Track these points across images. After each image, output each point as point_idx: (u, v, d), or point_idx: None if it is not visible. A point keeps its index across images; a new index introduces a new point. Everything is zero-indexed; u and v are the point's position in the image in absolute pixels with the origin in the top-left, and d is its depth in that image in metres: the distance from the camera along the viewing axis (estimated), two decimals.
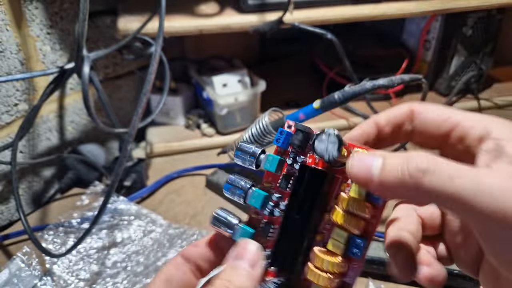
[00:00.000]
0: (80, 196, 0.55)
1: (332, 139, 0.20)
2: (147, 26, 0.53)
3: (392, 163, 0.18)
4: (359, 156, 0.19)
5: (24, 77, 0.47)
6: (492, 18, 0.73)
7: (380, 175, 0.18)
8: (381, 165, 0.18)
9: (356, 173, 0.19)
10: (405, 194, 0.18)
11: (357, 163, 0.19)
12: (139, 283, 0.43)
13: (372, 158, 0.19)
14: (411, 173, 0.17)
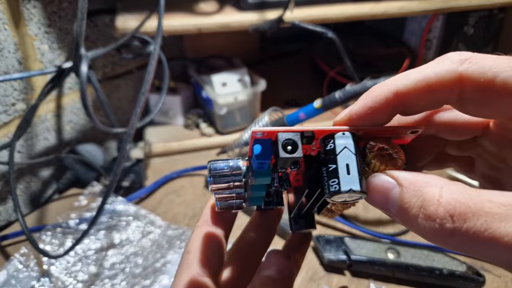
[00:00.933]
0: (78, 197, 0.54)
1: (353, 195, 0.18)
2: (146, 24, 0.53)
3: (408, 204, 0.15)
4: (378, 179, 0.17)
5: (22, 76, 0.47)
6: (494, 17, 0.72)
7: (398, 213, 0.16)
8: (397, 201, 0.16)
9: (375, 201, 0.17)
10: (432, 240, 0.15)
11: (374, 189, 0.17)
12: (137, 285, 0.43)
13: (390, 187, 0.16)
14: (430, 231, 0.14)
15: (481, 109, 0.17)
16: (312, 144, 0.19)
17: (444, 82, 0.16)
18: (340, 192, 0.17)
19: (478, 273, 0.41)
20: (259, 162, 0.18)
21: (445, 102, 0.17)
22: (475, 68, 0.16)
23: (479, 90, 0.16)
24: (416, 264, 0.41)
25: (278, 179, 0.21)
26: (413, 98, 0.17)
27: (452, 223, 0.13)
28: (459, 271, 0.41)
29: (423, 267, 0.41)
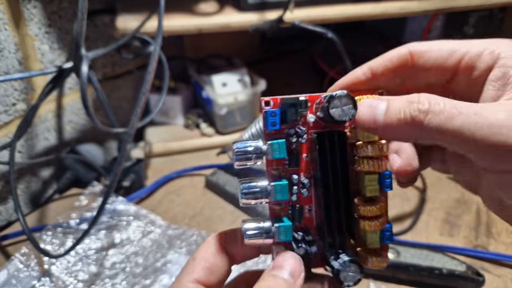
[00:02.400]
0: (78, 197, 0.54)
1: (345, 101, 0.21)
2: (146, 25, 0.53)
3: (395, 106, 0.18)
4: (365, 102, 0.20)
5: (22, 76, 0.47)
6: (494, 17, 0.73)
7: (385, 118, 0.19)
8: (385, 109, 0.19)
9: (363, 119, 0.20)
10: (408, 136, 0.19)
11: (363, 109, 0.20)
12: (138, 284, 0.43)
13: (378, 103, 0.19)
14: (412, 114, 0.18)
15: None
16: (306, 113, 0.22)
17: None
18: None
19: (478, 273, 0.41)
20: (271, 120, 0.21)
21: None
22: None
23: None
24: (416, 263, 0.42)
25: (289, 157, 0.22)
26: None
27: (428, 102, 0.17)
28: (459, 271, 0.41)
29: (423, 267, 0.41)
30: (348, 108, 0.20)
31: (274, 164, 0.22)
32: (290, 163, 0.22)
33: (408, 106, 0.18)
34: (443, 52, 0.21)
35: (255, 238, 0.22)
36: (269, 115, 0.22)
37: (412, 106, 0.18)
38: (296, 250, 0.22)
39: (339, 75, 0.78)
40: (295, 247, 0.22)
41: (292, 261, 0.21)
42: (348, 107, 0.20)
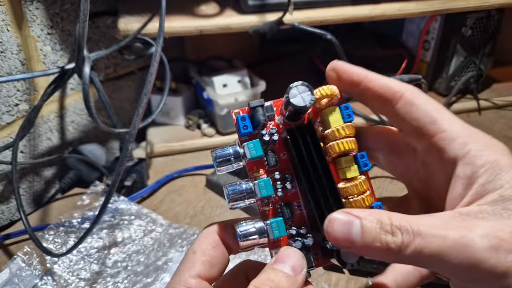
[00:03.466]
0: (80, 196, 0.55)
1: (302, 88, 0.22)
2: (148, 26, 0.53)
3: (369, 229, 0.18)
4: (339, 220, 0.19)
5: (24, 77, 0.47)
6: (492, 18, 0.73)
7: (362, 242, 0.18)
8: (360, 230, 0.18)
9: (339, 238, 0.19)
10: (387, 259, 0.19)
11: (337, 227, 0.19)
12: (139, 283, 0.44)
13: (351, 220, 0.19)
14: (389, 245, 0.18)
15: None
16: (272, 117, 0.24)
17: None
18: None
19: None
20: (243, 124, 0.23)
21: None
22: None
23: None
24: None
25: (267, 157, 0.23)
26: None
27: (400, 234, 0.18)
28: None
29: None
30: (306, 95, 0.22)
31: (255, 167, 0.23)
32: (269, 162, 0.23)
33: (384, 236, 0.18)
34: (426, 116, 0.21)
35: (250, 239, 0.22)
36: (240, 120, 0.23)
37: (387, 237, 0.18)
38: (293, 245, 0.22)
39: None
40: (292, 242, 0.23)
41: (294, 256, 0.21)
42: (306, 94, 0.22)
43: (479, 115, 0.75)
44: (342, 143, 0.22)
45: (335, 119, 0.23)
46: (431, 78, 0.79)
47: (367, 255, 0.19)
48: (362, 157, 0.23)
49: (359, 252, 0.19)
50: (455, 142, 0.20)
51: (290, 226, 0.23)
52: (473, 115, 0.75)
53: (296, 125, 0.23)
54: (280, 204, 0.23)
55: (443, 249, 0.17)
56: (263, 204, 0.23)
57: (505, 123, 0.73)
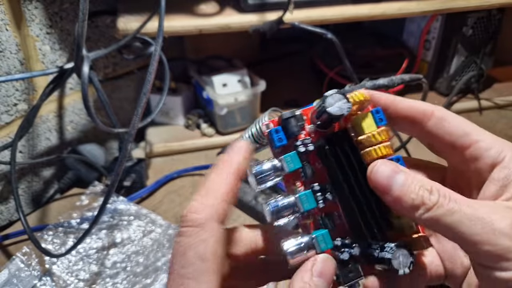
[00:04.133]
0: (79, 196, 0.54)
1: (337, 97, 0.22)
2: (147, 26, 0.53)
3: (411, 185, 0.20)
4: (388, 166, 0.21)
5: (23, 77, 0.47)
6: (492, 17, 0.73)
7: (399, 193, 0.20)
8: (402, 183, 0.20)
9: (377, 180, 0.20)
10: (410, 215, 0.20)
11: (385, 169, 0.20)
12: (138, 284, 0.43)
13: (396, 172, 0.20)
14: (424, 201, 0.19)
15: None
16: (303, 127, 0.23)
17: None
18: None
19: None
20: (277, 137, 0.22)
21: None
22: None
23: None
24: None
25: (303, 169, 0.23)
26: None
27: (438, 195, 0.19)
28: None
29: None
30: (343, 103, 0.22)
31: (292, 179, 0.23)
32: (306, 174, 0.23)
33: (422, 191, 0.19)
34: (459, 130, 0.22)
35: (298, 255, 0.21)
36: (273, 133, 0.23)
37: (425, 194, 0.19)
38: (341, 256, 0.22)
39: (339, 76, 0.78)
40: (339, 254, 0.22)
41: (332, 268, 0.21)
42: (342, 102, 0.22)
43: (480, 115, 0.75)
44: (380, 148, 0.22)
45: (368, 124, 0.23)
46: (432, 78, 0.78)
47: (397, 206, 0.20)
48: (398, 161, 0.22)
49: (392, 201, 0.20)
50: (491, 150, 0.21)
51: (334, 237, 0.23)
52: (474, 115, 0.75)
53: (330, 133, 0.23)
54: (321, 215, 0.23)
55: (471, 219, 0.18)
56: (304, 217, 0.23)
57: (506, 123, 0.72)
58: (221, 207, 0.20)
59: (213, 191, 0.20)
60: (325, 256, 0.21)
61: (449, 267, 0.24)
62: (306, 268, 0.21)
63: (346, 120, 0.24)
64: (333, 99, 0.22)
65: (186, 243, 0.19)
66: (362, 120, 0.23)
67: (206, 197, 0.20)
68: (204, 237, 0.19)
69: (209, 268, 0.19)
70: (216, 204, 0.20)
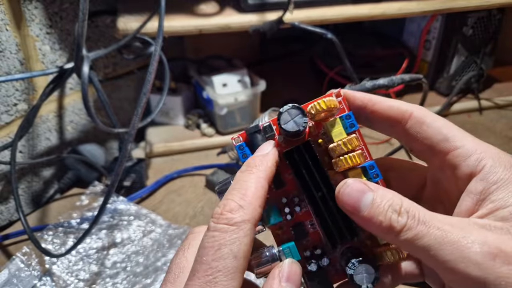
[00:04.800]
0: (79, 196, 0.54)
1: (293, 112, 0.22)
2: (147, 25, 0.53)
3: (379, 204, 0.19)
4: (355, 186, 0.20)
5: (23, 77, 0.47)
6: (493, 17, 0.73)
7: (368, 213, 0.19)
8: (370, 202, 0.19)
9: (347, 202, 0.20)
10: (382, 236, 0.19)
11: (351, 191, 0.20)
12: (138, 284, 0.43)
13: (363, 192, 0.19)
14: (392, 224, 0.18)
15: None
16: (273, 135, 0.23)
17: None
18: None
19: None
20: (241, 153, 0.23)
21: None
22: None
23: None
24: None
25: (273, 180, 0.22)
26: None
27: (407, 218, 0.18)
28: None
29: None
30: (299, 118, 0.21)
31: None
32: (275, 185, 0.23)
33: (390, 213, 0.18)
34: (438, 134, 0.21)
35: (265, 266, 0.21)
36: (238, 149, 0.23)
37: (393, 216, 0.18)
38: (309, 268, 0.22)
39: (338, 76, 0.78)
40: (307, 266, 0.22)
41: (298, 273, 0.21)
42: (298, 117, 0.21)
43: (480, 115, 0.75)
44: (350, 157, 0.21)
45: (337, 132, 0.22)
46: (432, 78, 0.78)
47: (366, 227, 0.20)
48: (372, 168, 0.22)
49: (361, 222, 0.19)
50: (469, 158, 0.20)
51: (306, 247, 0.23)
52: (474, 115, 0.75)
53: (298, 143, 0.22)
54: (293, 226, 0.23)
55: (441, 243, 0.17)
56: (275, 228, 0.23)
57: (506, 123, 0.72)
58: (257, 212, 0.20)
59: (251, 195, 0.20)
60: (289, 261, 0.21)
61: (427, 268, 0.23)
62: (273, 275, 0.21)
63: (319, 126, 0.23)
64: (289, 114, 0.21)
65: (222, 239, 0.19)
66: (331, 128, 0.22)
67: (243, 199, 0.20)
68: (239, 236, 0.19)
69: (239, 266, 0.19)
70: (252, 208, 0.20)
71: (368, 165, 0.22)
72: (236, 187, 0.21)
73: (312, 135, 0.23)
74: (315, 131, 0.23)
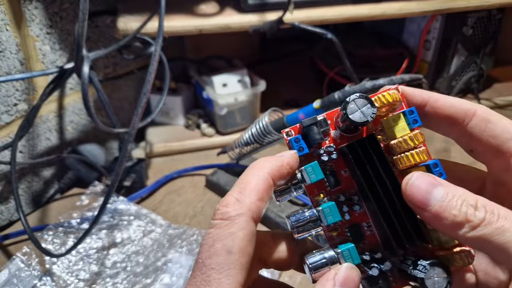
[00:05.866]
0: (79, 196, 0.54)
1: (361, 102, 0.20)
2: (147, 26, 0.53)
3: (452, 199, 0.18)
4: (426, 178, 0.18)
5: (23, 77, 0.47)
6: (492, 17, 0.73)
7: (438, 208, 0.18)
8: (441, 198, 0.18)
9: (412, 195, 0.18)
10: (456, 235, 0.18)
11: (420, 183, 0.18)
12: (138, 284, 0.43)
13: (434, 185, 0.18)
14: (468, 218, 0.17)
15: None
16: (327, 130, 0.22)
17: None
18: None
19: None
20: (297, 146, 0.21)
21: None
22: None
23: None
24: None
25: (327, 178, 0.22)
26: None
27: (485, 212, 0.17)
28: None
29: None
30: (366, 108, 0.20)
31: (315, 190, 0.22)
32: (330, 183, 0.22)
33: (465, 208, 0.17)
34: (505, 133, 0.20)
35: (322, 270, 0.20)
36: (293, 142, 0.21)
37: (469, 209, 0.17)
38: (369, 272, 0.21)
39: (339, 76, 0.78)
40: (368, 270, 0.21)
41: (356, 280, 0.19)
42: (366, 107, 0.20)
43: None
44: (412, 155, 0.20)
45: (400, 128, 0.21)
46: (432, 78, 0.78)
47: (434, 224, 0.18)
48: (436, 166, 0.20)
49: (429, 218, 0.18)
50: None
51: (363, 250, 0.21)
52: None
53: (355, 139, 0.21)
54: (348, 227, 0.22)
55: None
56: (329, 229, 0.22)
57: None
58: (254, 204, 0.20)
59: (249, 189, 0.20)
60: (349, 265, 0.20)
61: (482, 279, 0.22)
62: (328, 277, 0.19)
63: (376, 122, 0.22)
64: (356, 104, 0.20)
65: (215, 235, 0.19)
66: (393, 123, 0.21)
67: (240, 193, 0.20)
68: (233, 230, 0.19)
69: (234, 262, 0.18)
70: (249, 201, 0.20)
71: (433, 163, 0.20)
72: (237, 183, 0.20)
73: (369, 132, 0.22)
74: (372, 127, 0.22)
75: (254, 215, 0.20)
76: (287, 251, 0.22)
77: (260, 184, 0.20)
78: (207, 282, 0.18)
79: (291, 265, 0.22)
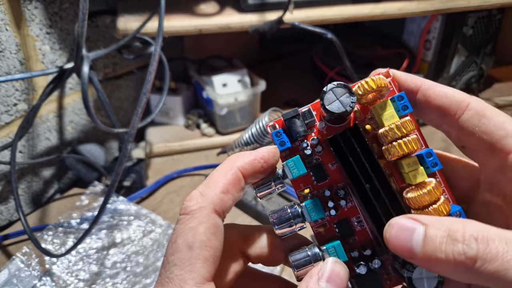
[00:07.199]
0: (79, 196, 0.54)
1: (339, 91, 0.19)
2: (147, 25, 0.53)
3: (433, 238, 0.15)
4: (397, 224, 0.17)
5: (23, 77, 0.47)
6: (493, 17, 0.73)
7: (423, 251, 0.16)
8: (422, 238, 0.16)
9: (397, 245, 0.17)
10: (452, 276, 0.16)
11: (395, 232, 0.17)
12: (138, 284, 0.43)
13: (412, 230, 0.16)
14: (456, 258, 0.15)
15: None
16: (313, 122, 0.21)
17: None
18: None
19: None
20: (279, 140, 0.20)
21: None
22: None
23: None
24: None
25: (313, 172, 0.20)
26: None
27: (476, 244, 0.15)
28: None
29: None
30: (345, 97, 0.19)
31: (301, 185, 0.21)
32: (316, 177, 0.21)
33: (451, 245, 0.15)
34: (500, 129, 0.18)
35: (305, 267, 0.20)
36: (275, 136, 0.20)
37: (455, 247, 0.15)
38: (357, 270, 0.20)
39: (339, 76, 0.78)
40: (356, 268, 0.20)
41: (343, 275, 0.19)
42: (345, 96, 0.19)
43: None
44: (400, 144, 0.19)
45: (387, 115, 0.19)
46: (432, 78, 0.78)
47: (433, 271, 0.16)
48: (429, 156, 0.19)
49: (422, 265, 0.17)
50: None
51: (353, 247, 0.20)
52: None
53: (342, 129, 0.20)
54: (338, 223, 0.21)
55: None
56: (317, 225, 0.21)
57: None
58: (217, 197, 0.19)
59: (213, 183, 0.20)
60: (334, 259, 0.19)
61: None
62: (312, 273, 0.19)
63: (365, 110, 0.20)
64: (334, 93, 0.19)
65: (178, 230, 0.19)
66: (380, 110, 0.19)
67: (205, 186, 0.20)
68: (193, 224, 0.19)
69: (196, 256, 0.18)
70: (212, 193, 0.19)
71: (425, 153, 0.19)
72: (207, 178, 0.20)
73: (358, 121, 0.20)
74: (361, 116, 0.21)
75: (217, 207, 0.19)
76: (269, 246, 0.22)
77: (225, 177, 0.19)
78: (170, 279, 0.18)
79: (278, 261, 0.22)
